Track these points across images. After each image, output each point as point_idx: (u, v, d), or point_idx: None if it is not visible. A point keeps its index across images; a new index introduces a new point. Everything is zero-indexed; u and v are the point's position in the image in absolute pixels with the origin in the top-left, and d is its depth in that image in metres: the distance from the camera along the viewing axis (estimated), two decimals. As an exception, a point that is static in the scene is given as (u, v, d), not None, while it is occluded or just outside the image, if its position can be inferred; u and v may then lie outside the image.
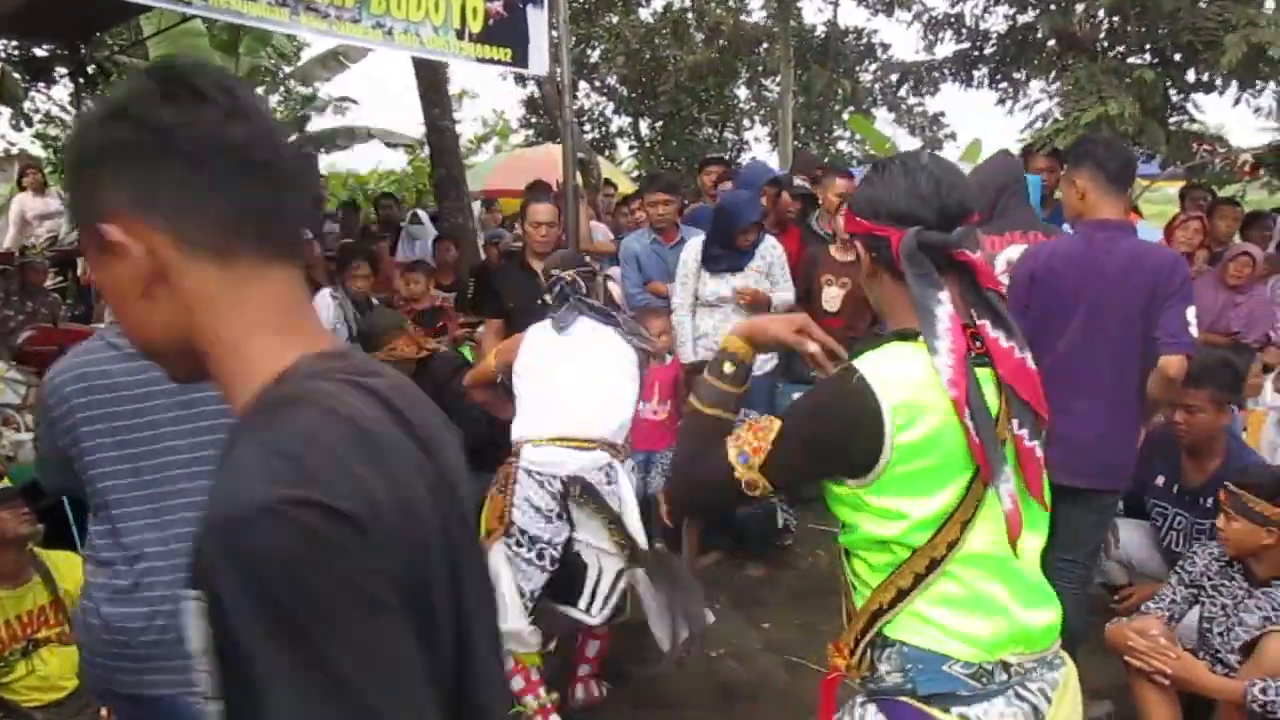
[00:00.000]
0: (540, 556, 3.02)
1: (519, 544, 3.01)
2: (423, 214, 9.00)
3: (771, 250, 4.89)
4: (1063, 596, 1.70)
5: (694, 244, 4.93)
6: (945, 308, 1.46)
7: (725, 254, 4.79)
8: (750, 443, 1.52)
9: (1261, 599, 2.92)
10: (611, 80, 18.96)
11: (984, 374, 1.50)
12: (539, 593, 3.04)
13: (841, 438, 1.47)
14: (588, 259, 3.56)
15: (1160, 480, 3.61)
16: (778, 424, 1.52)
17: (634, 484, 3.27)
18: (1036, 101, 7.44)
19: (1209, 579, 3.07)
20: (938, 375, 1.44)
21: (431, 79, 7.87)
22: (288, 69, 13.25)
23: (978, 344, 1.51)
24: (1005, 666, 1.50)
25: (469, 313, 6.33)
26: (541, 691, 3.06)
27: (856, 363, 1.50)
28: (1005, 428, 1.51)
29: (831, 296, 5.20)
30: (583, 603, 3.05)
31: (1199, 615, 3.06)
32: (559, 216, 4.79)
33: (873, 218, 1.54)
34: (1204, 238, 5.92)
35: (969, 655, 1.48)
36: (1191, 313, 2.91)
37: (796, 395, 5.18)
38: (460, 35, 4.81)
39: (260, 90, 13.37)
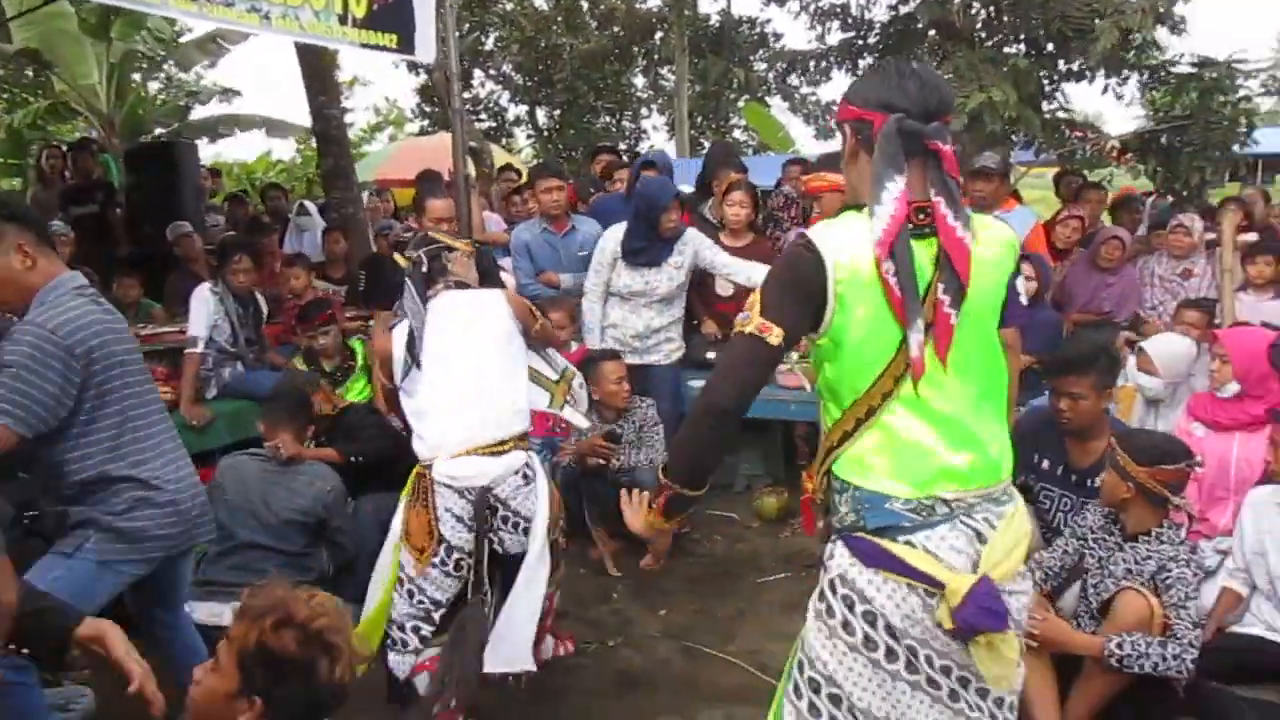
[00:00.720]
0: (458, 566, 2.93)
1: (443, 559, 2.92)
2: (310, 205, 8.75)
3: (692, 242, 4.90)
4: None
5: (613, 232, 4.93)
6: (897, 184, 1.71)
7: (647, 246, 4.81)
8: (744, 311, 1.81)
9: (1128, 552, 3.08)
10: (507, 68, 18.76)
11: (923, 245, 1.75)
12: (443, 605, 2.97)
13: (797, 288, 1.76)
14: (437, 236, 3.29)
15: (1046, 464, 3.72)
16: (757, 294, 1.80)
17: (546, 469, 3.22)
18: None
19: (1092, 533, 3.22)
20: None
21: (316, 65, 7.64)
22: (164, 54, 12.70)
23: (923, 216, 1.75)
24: (944, 501, 1.76)
25: (360, 305, 6.19)
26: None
27: (809, 230, 1.81)
28: (934, 292, 1.74)
29: (725, 283, 5.27)
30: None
31: (1083, 576, 3.19)
32: (455, 209, 4.73)
33: (862, 105, 1.80)
34: (1082, 235, 6.17)
35: (906, 493, 1.76)
36: (1021, 284, 3.03)
37: (695, 382, 5.30)
38: (343, 20, 4.67)
39: (136, 77, 12.82)
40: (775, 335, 1.74)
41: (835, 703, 1.83)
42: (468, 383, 2.96)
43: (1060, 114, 7.09)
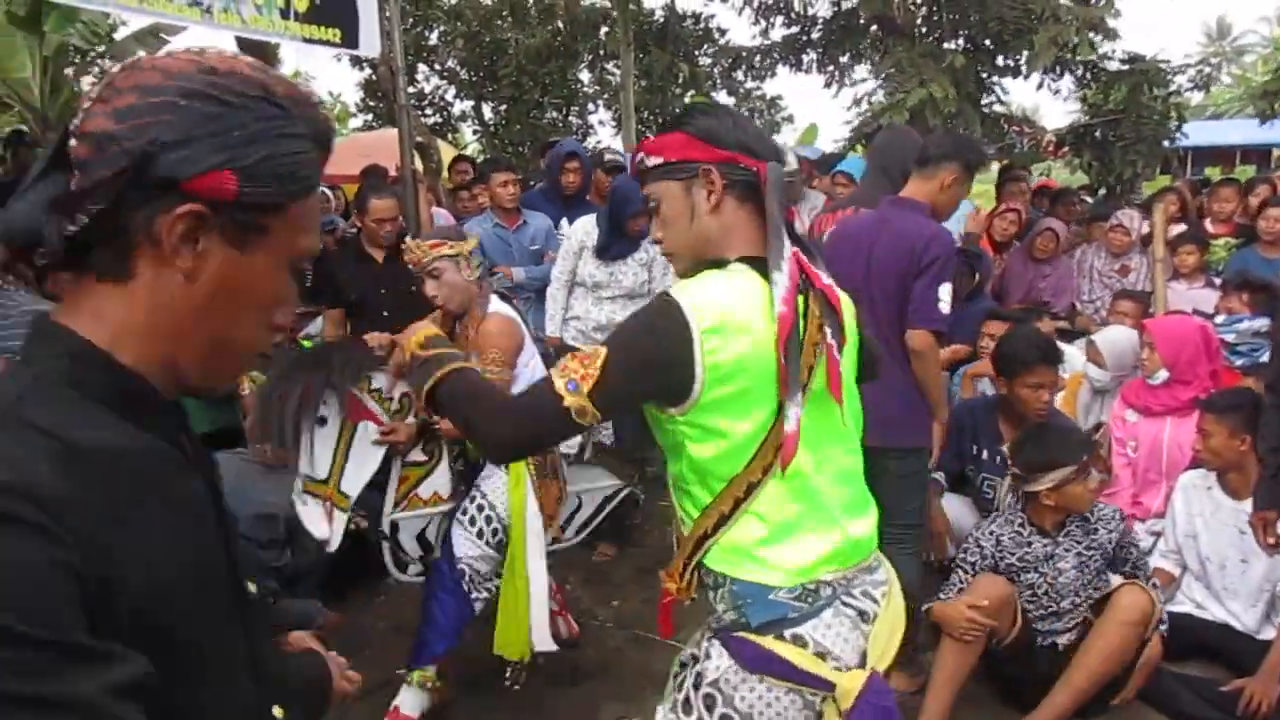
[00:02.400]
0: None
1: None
2: (254, 201, 8.61)
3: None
4: (898, 560, 1.83)
5: (582, 223, 4.92)
6: (788, 239, 1.58)
7: (615, 242, 4.83)
8: (577, 371, 1.54)
9: (1068, 543, 3.18)
10: (452, 63, 18.60)
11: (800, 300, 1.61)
12: None
13: (658, 361, 1.53)
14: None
15: (985, 454, 3.82)
16: (603, 351, 1.55)
17: None
18: (862, 81, 7.80)
19: (1009, 552, 3.22)
20: (765, 298, 1.54)
21: (259, 59, 7.52)
22: (101, 48, 12.40)
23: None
24: (826, 584, 1.60)
25: (305, 303, 6.12)
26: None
27: (673, 290, 1.56)
28: (819, 337, 1.60)
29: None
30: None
31: (1021, 587, 3.22)
32: (400, 208, 4.71)
33: (733, 148, 1.61)
34: (1020, 228, 6.30)
35: (789, 581, 1.58)
36: (945, 290, 3.09)
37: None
38: (285, 14, 4.62)
39: (69, 71, 12.50)
40: (589, 418, 1.53)
41: None
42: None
43: (998, 108, 7.24)
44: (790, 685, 1.59)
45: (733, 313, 1.52)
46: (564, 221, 5.47)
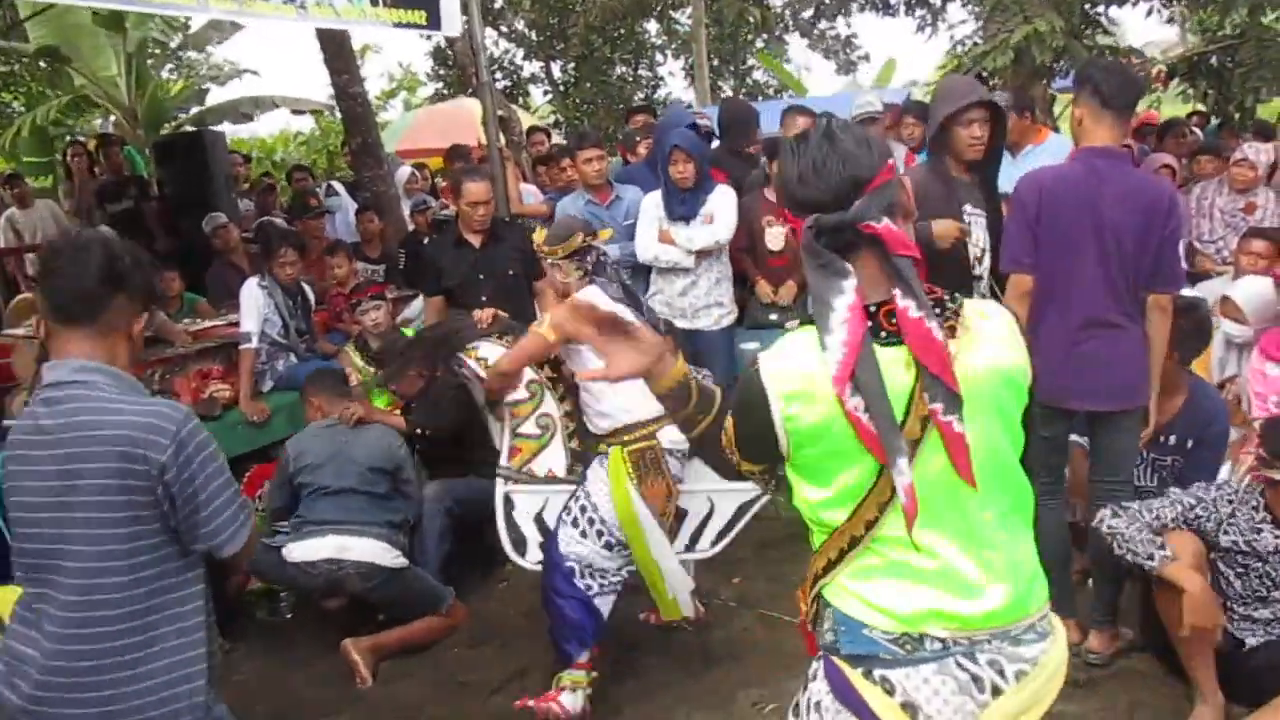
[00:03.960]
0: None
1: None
2: (338, 185, 8.70)
3: (720, 196, 4.86)
4: (1107, 499, 1.82)
5: (652, 197, 4.94)
6: (844, 298, 1.45)
7: (670, 199, 4.81)
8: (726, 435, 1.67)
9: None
10: (520, 25, 18.49)
11: (894, 354, 1.47)
12: None
13: (749, 426, 1.59)
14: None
15: None
16: (729, 420, 1.66)
17: None
18: (962, 23, 7.44)
19: (1237, 531, 3.02)
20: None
21: (335, 44, 7.55)
22: (178, 39, 12.61)
23: (892, 321, 1.47)
24: (936, 639, 1.50)
25: (401, 286, 6.17)
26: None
27: (761, 355, 1.58)
28: (921, 404, 1.46)
29: (775, 236, 5.22)
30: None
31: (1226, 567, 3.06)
32: (492, 189, 4.68)
33: (788, 206, 1.59)
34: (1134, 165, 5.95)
35: (887, 625, 1.52)
36: (1182, 249, 2.98)
37: (749, 345, 5.25)
38: (374, 1, 4.65)
39: (151, 63, 12.75)
40: (747, 468, 1.68)
41: None
42: None
43: (1102, 40, 6.86)
44: None
45: (812, 378, 1.49)
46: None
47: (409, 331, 5.27)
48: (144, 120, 11.16)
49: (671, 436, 3.20)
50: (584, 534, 3.20)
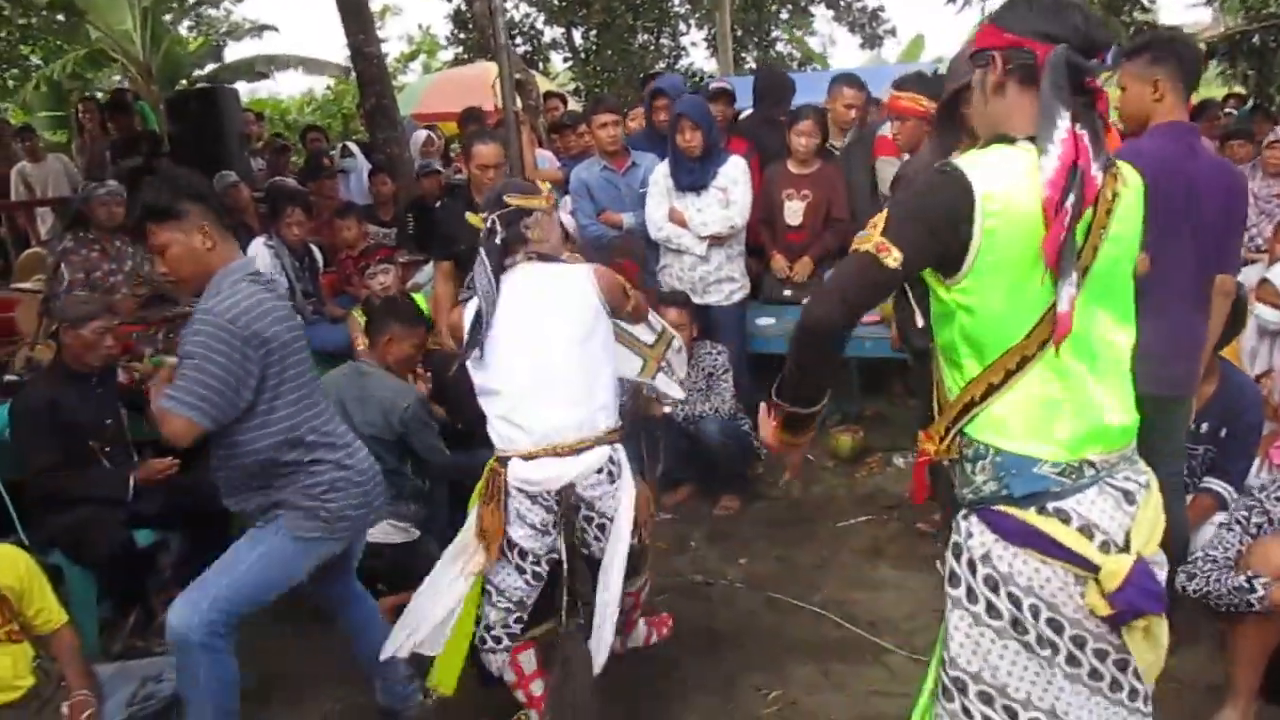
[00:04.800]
0: (535, 573, 2.74)
1: (518, 563, 2.72)
2: (353, 146, 8.57)
3: (733, 169, 4.73)
4: (1166, 490, 1.81)
5: (660, 167, 4.83)
6: (1065, 120, 1.55)
7: (678, 168, 4.69)
8: (866, 233, 1.64)
9: None
10: (540, -10, 18.21)
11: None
12: (530, 605, 2.78)
13: (933, 216, 1.59)
14: (515, 197, 2.80)
15: None
16: (881, 214, 1.64)
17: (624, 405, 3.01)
18: (992, -4, 7.21)
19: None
20: (1038, 173, 1.55)
21: (351, 3, 7.39)
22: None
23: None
24: (1090, 464, 1.63)
25: (413, 250, 6.06)
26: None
27: (954, 160, 1.63)
28: (1105, 221, 1.64)
29: (794, 210, 5.12)
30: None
31: None
32: (504, 153, 4.54)
33: (1020, 32, 1.65)
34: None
35: (1056, 455, 1.61)
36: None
37: (764, 320, 5.13)
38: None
39: (167, 18, 12.62)
40: (893, 258, 1.58)
41: (987, 701, 1.71)
42: (544, 374, 2.63)
43: (1140, 16, 6.65)
44: (1054, 561, 1.62)
45: (1011, 186, 1.57)
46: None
47: (419, 297, 5.16)
48: (159, 76, 11.04)
49: (523, 474, 2.67)
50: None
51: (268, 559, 2.66)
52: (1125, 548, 1.63)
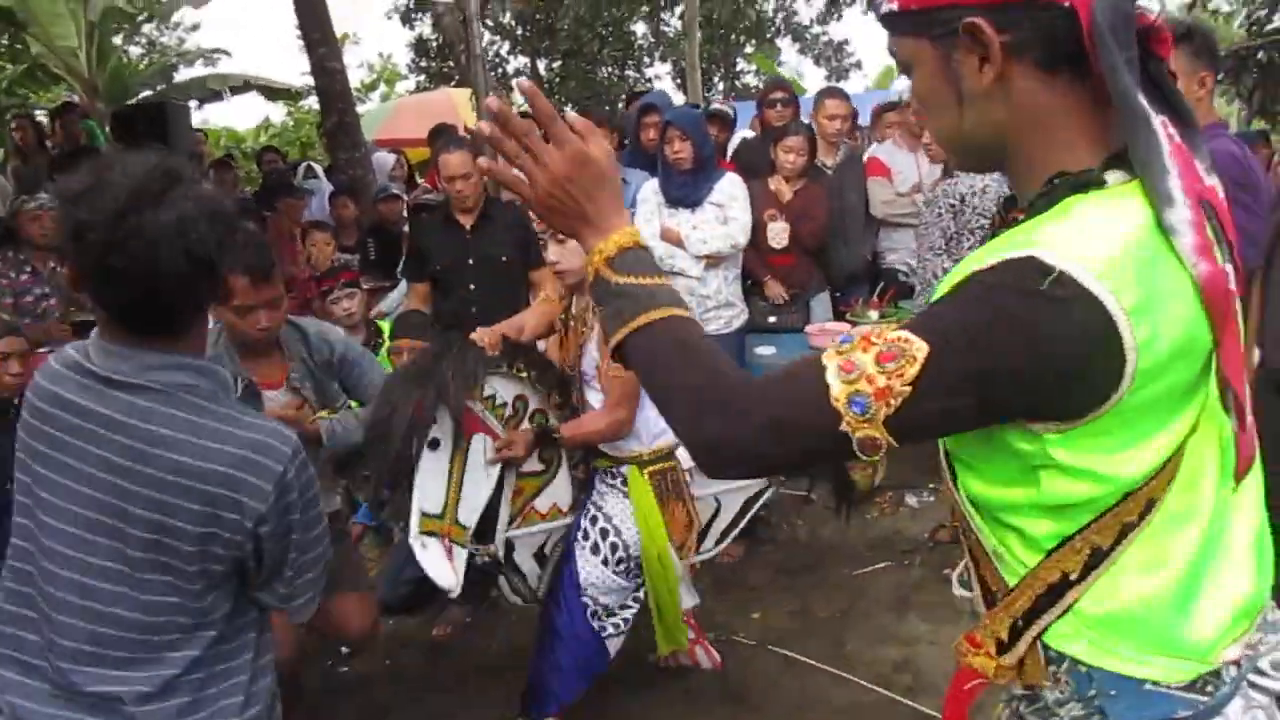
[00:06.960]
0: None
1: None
2: (317, 167, 8.15)
3: (730, 185, 4.38)
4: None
5: (649, 184, 4.47)
6: (1161, 129, 0.91)
7: (667, 179, 4.36)
8: (874, 379, 0.91)
9: None
10: (506, 19, 17.97)
11: None
12: None
13: (1046, 366, 0.88)
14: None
15: None
16: (922, 348, 0.90)
17: None
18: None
19: None
20: (1161, 237, 0.91)
21: (314, 16, 6.99)
22: (146, 13, 11.97)
23: None
24: (1232, 662, 1.00)
25: (376, 276, 5.62)
26: None
27: (1038, 249, 0.88)
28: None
29: (777, 232, 4.70)
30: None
31: None
32: (475, 163, 4.13)
33: None
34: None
35: (1182, 673, 0.98)
36: None
37: (764, 349, 4.73)
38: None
39: (117, 40, 12.10)
40: (876, 452, 0.95)
41: None
42: None
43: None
44: None
45: (1153, 272, 0.89)
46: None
47: (385, 325, 4.71)
48: (105, 94, 10.50)
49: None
50: (604, 560, 2.76)
51: None
52: None
